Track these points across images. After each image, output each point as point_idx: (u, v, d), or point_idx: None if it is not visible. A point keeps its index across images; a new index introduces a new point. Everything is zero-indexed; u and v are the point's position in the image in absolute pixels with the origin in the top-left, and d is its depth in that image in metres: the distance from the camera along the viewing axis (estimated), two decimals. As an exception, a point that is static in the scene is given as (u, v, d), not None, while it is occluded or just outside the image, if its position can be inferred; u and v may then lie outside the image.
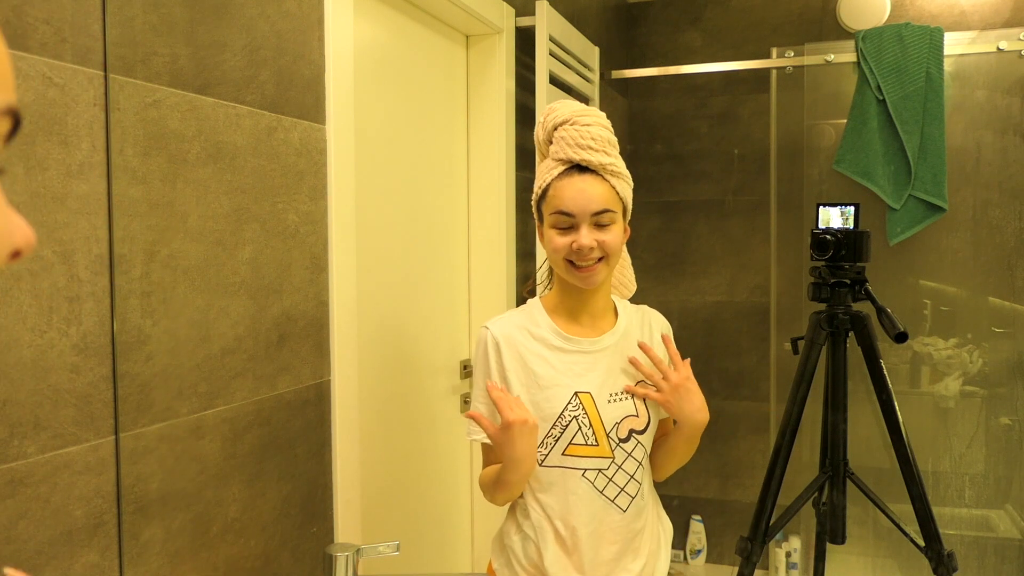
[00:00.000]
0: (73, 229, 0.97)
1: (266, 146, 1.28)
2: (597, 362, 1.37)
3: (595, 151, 1.32)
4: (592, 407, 1.34)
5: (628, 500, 1.36)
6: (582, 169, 1.32)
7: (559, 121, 1.34)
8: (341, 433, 1.48)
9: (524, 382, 1.34)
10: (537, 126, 1.42)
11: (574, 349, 1.37)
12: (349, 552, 1.25)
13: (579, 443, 1.33)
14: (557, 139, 1.34)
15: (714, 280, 3.50)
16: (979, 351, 2.97)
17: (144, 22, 1.06)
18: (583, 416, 1.33)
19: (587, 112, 1.35)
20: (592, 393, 1.34)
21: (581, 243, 1.29)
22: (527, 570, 1.37)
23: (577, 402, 1.33)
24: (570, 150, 1.32)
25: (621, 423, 1.35)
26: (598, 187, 1.31)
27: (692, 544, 3.51)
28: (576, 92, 2.61)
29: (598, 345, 1.38)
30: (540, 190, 1.36)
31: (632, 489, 1.36)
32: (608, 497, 1.34)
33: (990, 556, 2.96)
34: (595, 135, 1.32)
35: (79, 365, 0.98)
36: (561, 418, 1.33)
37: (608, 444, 1.34)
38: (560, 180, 1.33)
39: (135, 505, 1.06)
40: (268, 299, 1.30)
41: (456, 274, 2.18)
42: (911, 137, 2.82)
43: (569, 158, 1.32)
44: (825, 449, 2.19)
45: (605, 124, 1.36)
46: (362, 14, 1.70)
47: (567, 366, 1.36)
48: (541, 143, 1.41)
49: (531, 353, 1.36)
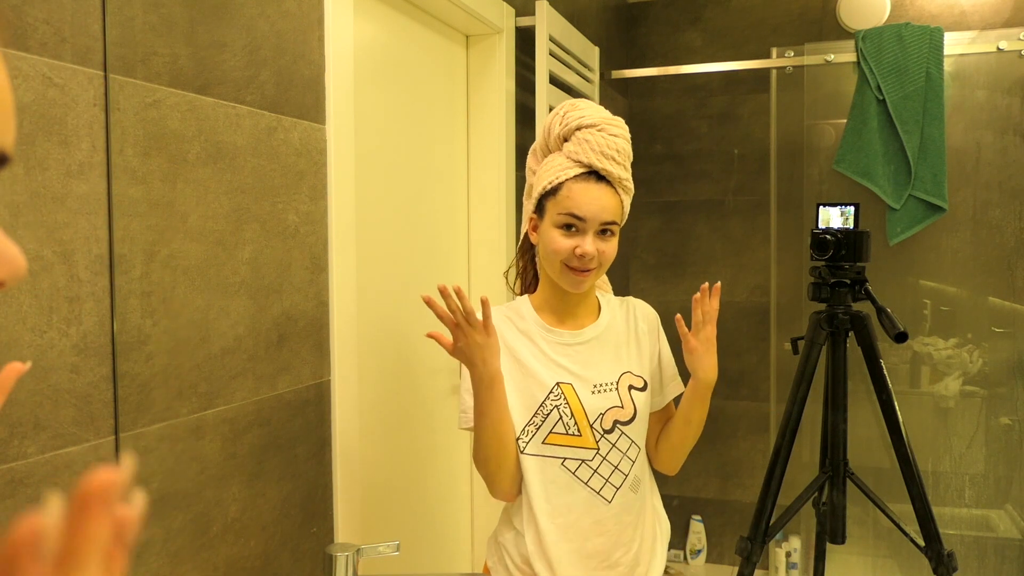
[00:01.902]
0: (73, 229, 0.97)
1: (266, 146, 1.28)
2: (580, 354, 1.39)
3: (617, 164, 1.34)
4: (574, 398, 1.36)
5: (613, 491, 1.37)
6: (599, 177, 1.33)
7: (586, 123, 1.34)
8: (341, 433, 1.48)
9: (508, 370, 1.36)
10: (553, 117, 1.39)
11: (557, 341, 1.40)
12: (349, 552, 1.25)
13: (560, 432, 1.35)
14: (580, 140, 1.33)
15: (714, 280, 3.49)
16: (979, 351, 2.97)
17: (144, 22, 1.06)
18: (564, 406, 1.35)
19: (615, 121, 1.37)
20: (574, 384, 1.37)
21: (586, 250, 1.31)
22: (517, 565, 1.39)
23: (559, 392, 1.36)
24: (594, 156, 1.32)
25: (605, 414, 1.37)
26: (611, 198, 1.34)
27: (692, 544, 3.51)
28: (576, 92, 2.61)
29: (580, 338, 1.40)
30: (551, 185, 1.34)
31: (617, 480, 1.37)
32: (593, 488, 1.36)
33: (990, 556, 2.96)
34: (620, 147, 1.34)
35: (79, 365, 0.98)
36: (542, 407, 1.35)
37: (592, 435, 1.36)
38: (576, 183, 1.32)
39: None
40: (268, 299, 1.30)
41: (456, 274, 2.18)
42: (911, 137, 2.82)
43: (591, 163, 1.32)
44: (825, 449, 2.19)
45: (628, 137, 1.38)
46: (362, 14, 1.70)
47: (549, 358, 1.38)
48: (553, 136, 1.38)
49: (516, 343, 1.39)
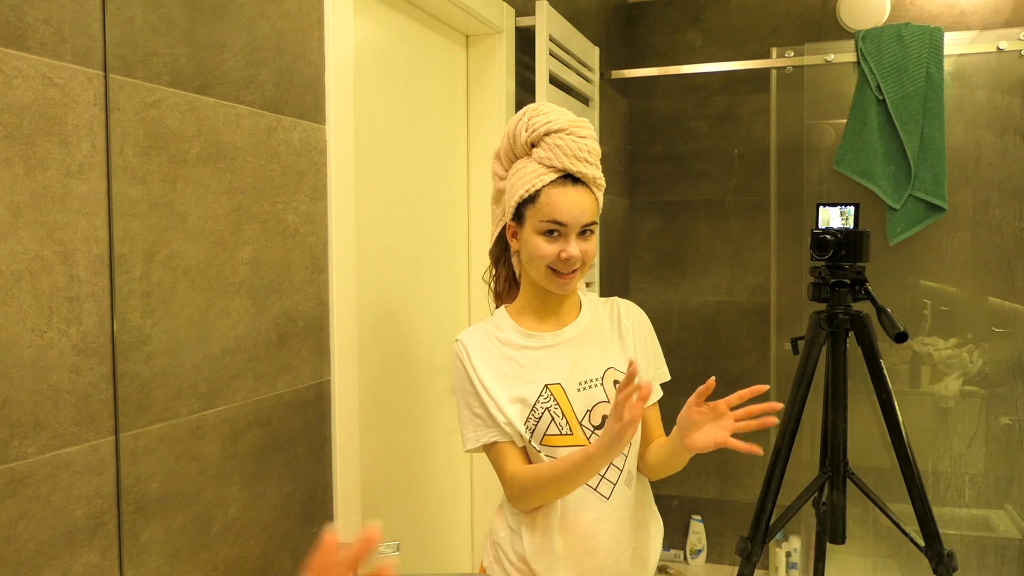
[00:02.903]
0: (73, 229, 0.97)
1: (266, 146, 1.28)
2: (562, 354, 1.40)
3: (590, 164, 1.36)
4: (563, 397, 1.37)
5: (610, 487, 1.38)
6: (574, 180, 1.35)
7: (554, 128, 1.35)
8: (341, 433, 1.48)
9: (496, 383, 1.37)
10: (517, 123, 1.38)
11: (538, 344, 1.41)
12: (349, 552, 1.25)
13: (553, 433, 1.36)
14: (550, 145, 1.34)
15: (714, 280, 3.50)
16: (979, 351, 2.97)
17: (144, 22, 1.06)
18: (555, 407, 1.36)
19: (582, 123, 1.38)
20: (562, 383, 1.38)
21: (571, 253, 1.33)
22: (514, 564, 1.39)
23: (548, 394, 1.37)
24: (567, 160, 1.33)
25: (593, 410, 1.38)
26: (588, 199, 1.35)
27: (692, 544, 3.51)
28: (576, 92, 2.61)
29: (560, 337, 1.42)
30: (527, 194, 1.35)
31: (612, 476, 1.38)
32: (590, 486, 1.36)
33: (990, 556, 2.96)
34: (591, 148, 1.36)
35: (79, 365, 0.98)
36: (533, 411, 1.36)
37: (582, 432, 1.37)
38: (554, 188, 1.33)
39: (135, 505, 1.06)
40: (268, 299, 1.30)
41: (456, 274, 2.18)
42: (911, 137, 2.82)
43: (565, 167, 1.33)
44: (825, 449, 2.19)
45: (595, 136, 1.40)
46: (362, 14, 1.70)
47: (533, 361, 1.39)
48: (520, 143, 1.37)
49: (498, 356, 1.40)
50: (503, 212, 1.43)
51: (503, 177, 1.43)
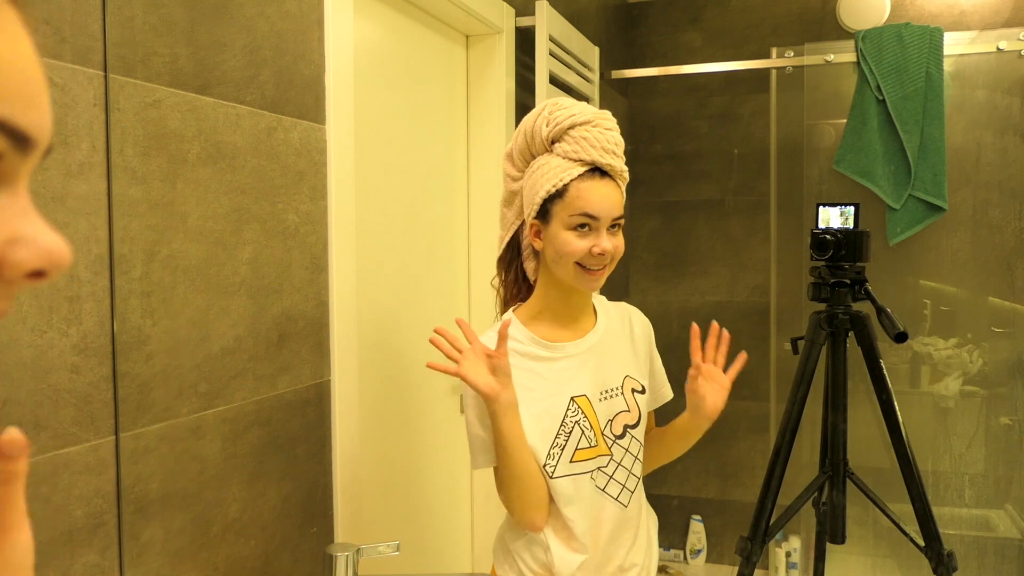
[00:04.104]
0: (73, 229, 0.97)
1: (266, 146, 1.28)
2: (584, 363, 1.36)
3: (618, 157, 1.32)
4: (589, 408, 1.34)
5: (629, 496, 1.37)
6: (602, 173, 1.31)
7: (579, 121, 1.30)
8: (341, 433, 1.48)
9: (520, 401, 1.30)
10: (537, 118, 1.34)
11: (560, 355, 1.35)
12: (349, 552, 1.25)
13: (584, 447, 1.32)
14: (575, 139, 1.30)
15: (714, 280, 3.50)
16: (979, 351, 2.97)
17: (144, 22, 1.06)
18: (583, 420, 1.33)
19: (606, 115, 1.35)
20: (587, 394, 1.34)
21: (604, 247, 1.29)
22: (535, 571, 1.35)
23: (576, 407, 1.33)
24: (595, 152, 1.29)
25: (614, 419, 1.36)
26: (616, 192, 1.32)
27: (692, 544, 3.51)
28: (576, 92, 2.61)
29: (582, 346, 1.37)
30: (555, 188, 1.30)
31: (632, 484, 1.37)
32: (611, 495, 1.35)
33: (990, 556, 2.96)
34: (617, 141, 1.33)
35: (79, 365, 0.98)
36: (564, 426, 1.31)
37: (604, 442, 1.34)
38: (583, 182, 1.29)
39: (135, 505, 1.06)
40: (268, 299, 1.30)
41: (456, 274, 2.18)
42: (911, 137, 2.82)
43: (593, 160, 1.29)
44: (825, 449, 2.19)
45: (618, 129, 1.37)
46: (362, 14, 1.70)
47: (556, 373, 1.34)
48: (540, 139, 1.33)
49: (519, 371, 1.32)
50: (520, 212, 1.38)
51: (517, 178, 1.38)
